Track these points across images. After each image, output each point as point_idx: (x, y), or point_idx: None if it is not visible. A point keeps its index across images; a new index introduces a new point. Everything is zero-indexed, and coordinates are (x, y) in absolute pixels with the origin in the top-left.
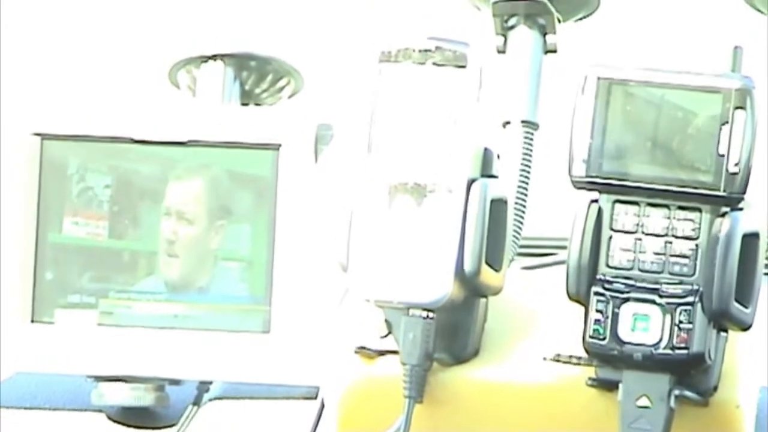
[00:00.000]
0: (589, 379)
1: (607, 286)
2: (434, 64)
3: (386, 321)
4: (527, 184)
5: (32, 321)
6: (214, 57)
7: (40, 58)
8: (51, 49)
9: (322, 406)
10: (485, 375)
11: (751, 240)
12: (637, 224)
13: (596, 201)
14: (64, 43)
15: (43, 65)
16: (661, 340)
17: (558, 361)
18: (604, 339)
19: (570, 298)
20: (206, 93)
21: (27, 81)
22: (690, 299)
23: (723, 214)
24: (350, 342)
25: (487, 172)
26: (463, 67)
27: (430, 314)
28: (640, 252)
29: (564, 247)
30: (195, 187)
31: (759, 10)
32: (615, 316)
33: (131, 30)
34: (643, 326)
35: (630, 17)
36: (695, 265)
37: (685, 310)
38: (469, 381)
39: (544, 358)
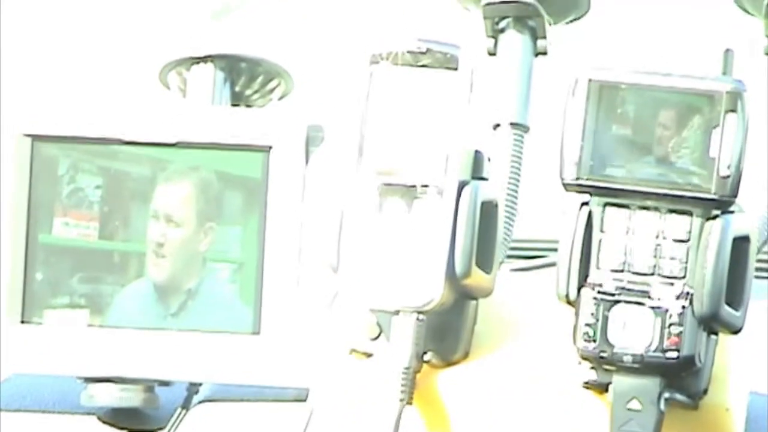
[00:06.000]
0: (585, 382)
1: (597, 288)
2: (424, 66)
3: (377, 323)
4: (517, 186)
5: (22, 322)
6: (204, 58)
7: (31, 59)
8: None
9: (312, 408)
10: (475, 377)
11: (741, 243)
12: (628, 227)
13: (587, 203)
14: (56, 45)
15: (34, 67)
16: (651, 343)
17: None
18: (594, 342)
19: (560, 300)
20: (196, 94)
21: (18, 82)
22: (680, 302)
23: (714, 217)
24: (341, 344)
25: (477, 175)
26: (454, 69)
27: (421, 316)
28: (631, 255)
29: (554, 250)
30: (184, 190)
31: (749, 12)
32: (605, 318)
33: (122, 31)
34: (634, 329)
35: (621, 20)
36: (686, 268)
37: (676, 313)
38: (458, 383)
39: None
